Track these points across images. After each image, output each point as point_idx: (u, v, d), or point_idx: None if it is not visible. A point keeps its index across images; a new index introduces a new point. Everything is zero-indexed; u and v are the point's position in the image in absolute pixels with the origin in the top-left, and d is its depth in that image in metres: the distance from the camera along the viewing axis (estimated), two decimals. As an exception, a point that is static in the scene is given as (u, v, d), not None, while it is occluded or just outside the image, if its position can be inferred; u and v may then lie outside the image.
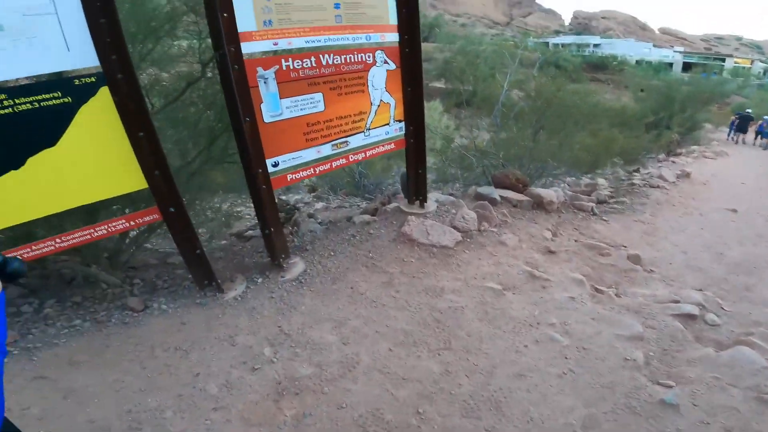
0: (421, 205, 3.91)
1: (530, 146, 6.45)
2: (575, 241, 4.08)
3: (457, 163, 6.87)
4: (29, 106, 1.93)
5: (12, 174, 1.95)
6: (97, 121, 2.08)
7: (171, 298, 2.77)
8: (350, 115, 3.17)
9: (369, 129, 3.32)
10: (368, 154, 3.41)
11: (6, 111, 1.88)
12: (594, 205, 4.92)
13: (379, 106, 3.33)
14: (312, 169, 3.12)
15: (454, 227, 3.67)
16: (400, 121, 3.52)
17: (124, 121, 2.12)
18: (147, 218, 2.38)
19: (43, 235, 2.16)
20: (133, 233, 3.05)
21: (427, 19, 44.59)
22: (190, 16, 2.83)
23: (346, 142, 3.20)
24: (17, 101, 1.91)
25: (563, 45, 49.55)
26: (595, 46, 50.91)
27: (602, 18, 71.30)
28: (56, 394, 1.99)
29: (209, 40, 2.59)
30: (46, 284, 2.84)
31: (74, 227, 2.24)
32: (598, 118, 8.45)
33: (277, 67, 2.69)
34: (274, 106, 2.73)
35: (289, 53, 2.85)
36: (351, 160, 3.34)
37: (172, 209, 2.40)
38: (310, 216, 4.46)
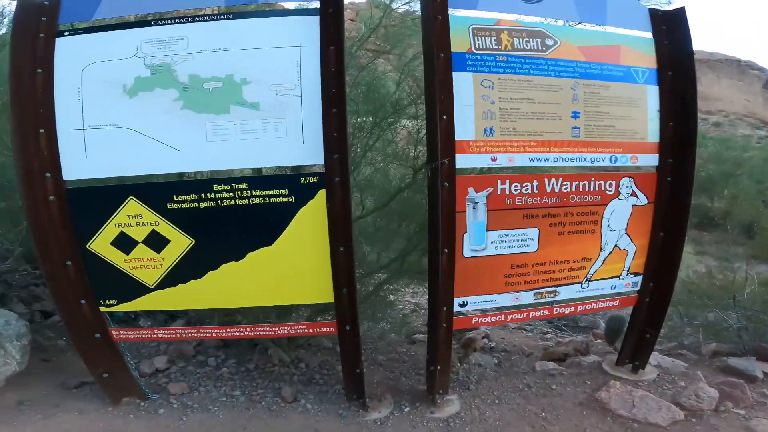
0: (634, 370, 2.82)
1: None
2: None
3: (694, 308, 4.96)
4: (261, 200, 2.05)
5: (231, 264, 2.07)
6: (308, 227, 2.08)
7: (319, 398, 2.63)
8: (568, 261, 2.48)
9: (589, 280, 2.55)
10: (579, 309, 2.64)
11: (243, 202, 2.04)
12: None
13: (611, 252, 2.53)
14: (503, 316, 2.55)
15: (678, 403, 2.46)
16: (636, 274, 2.62)
17: (331, 232, 2.06)
18: (324, 329, 2.32)
19: (239, 321, 2.29)
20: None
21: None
22: (411, 109, 2.73)
23: (555, 292, 2.52)
24: (254, 193, 2.04)
25: None
26: None
27: None
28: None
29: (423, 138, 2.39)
30: (238, 341, 3.04)
31: (265, 318, 2.31)
32: None
33: (491, 189, 2.25)
34: (478, 239, 2.32)
35: (505, 173, 2.41)
36: (555, 313, 2.63)
37: (348, 327, 2.24)
38: (484, 344, 3.82)
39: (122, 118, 1.92)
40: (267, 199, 2.05)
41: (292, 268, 2.13)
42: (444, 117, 2.10)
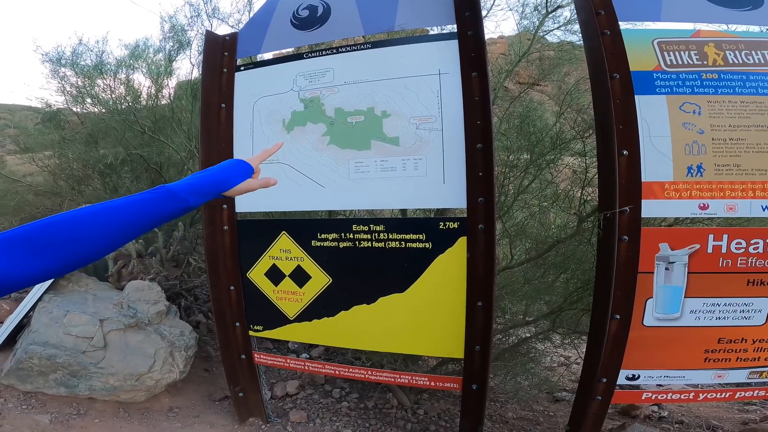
0: None
1: None
2: None
3: None
4: (397, 244, 1.95)
5: (363, 307, 2.02)
6: (445, 276, 1.88)
7: None
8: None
9: None
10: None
11: (379, 245, 1.97)
12: None
13: None
14: (690, 394, 1.96)
15: None
16: None
17: (469, 284, 1.83)
18: (447, 385, 2.05)
19: (363, 362, 2.20)
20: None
21: None
22: (576, 144, 2.30)
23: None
24: (390, 236, 1.95)
25: None
26: None
27: None
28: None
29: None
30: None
31: (390, 362, 2.17)
32: None
33: (698, 246, 1.72)
34: (670, 306, 1.77)
35: (719, 224, 1.86)
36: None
37: (474, 386, 1.93)
38: (651, 411, 2.95)
39: (281, 153, 2.04)
40: (403, 243, 1.93)
41: (422, 318, 1.96)
42: (625, 152, 1.68)
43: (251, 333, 2.30)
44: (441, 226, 1.86)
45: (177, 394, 2.66)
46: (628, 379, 1.95)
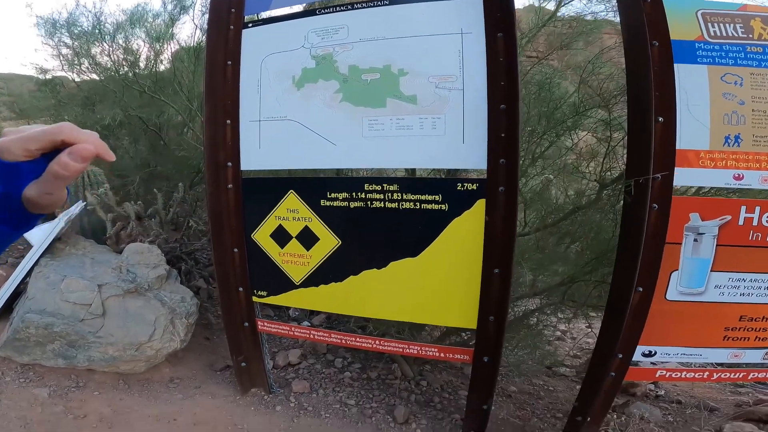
0: None
1: None
2: None
3: None
4: (411, 205, 1.85)
5: (373, 272, 1.94)
6: (460, 240, 1.80)
7: (432, 425, 2.33)
8: None
9: None
10: None
11: (392, 205, 1.87)
12: None
13: None
14: (704, 373, 1.94)
15: None
16: None
17: (486, 249, 1.74)
18: (458, 357, 1.98)
19: (370, 331, 2.14)
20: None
21: None
22: (598, 113, 2.21)
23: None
24: (404, 196, 1.86)
25: None
26: None
27: None
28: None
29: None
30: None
31: (397, 332, 2.12)
32: None
33: (729, 218, 1.65)
34: (696, 279, 1.70)
35: (752, 196, 1.76)
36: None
37: (486, 359, 1.87)
38: (649, 390, 2.94)
39: (290, 110, 1.95)
40: (417, 204, 1.84)
41: (434, 285, 1.88)
42: (660, 119, 1.60)
43: (255, 299, 2.22)
44: (459, 187, 1.77)
45: (178, 363, 2.60)
46: (644, 355, 1.90)
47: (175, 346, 2.42)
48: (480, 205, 1.75)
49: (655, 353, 1.90)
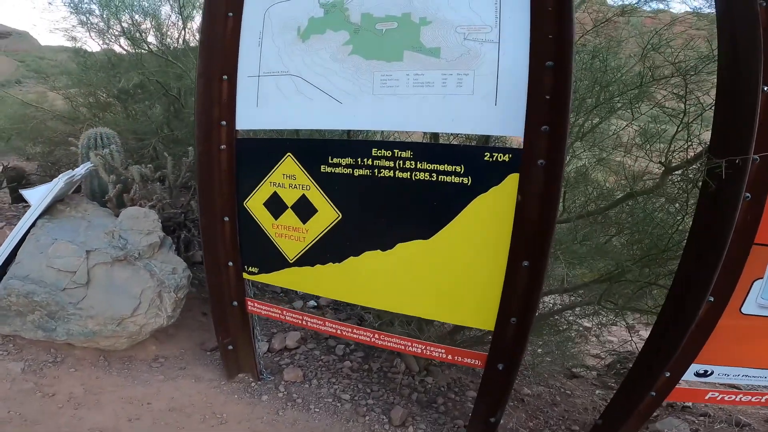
0: None
1: None
2: None
3: None
4: (426, 176, 1.54)
5: (377, 253, 1.65)
6: (484, 222, 1.48)
7: (433, 428, 2.06)
8: None
9: None
10: None
11: (403, 175, 1.56)
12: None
13: None
14: (761, 397, 1.64)
15: None
16: None
17: (515, 236, 1.42)
18: (467, 361, 1.67)
19: (369, 323, 1.87)
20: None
21: None
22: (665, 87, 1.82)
23: None
24: (419, 165, 1.54)
25: None
26: None
27: None
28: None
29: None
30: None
31: (405, 323, 1.83)
32: None
33: None
34: (790, 292, 1.32)
35: None
36: None
37: (501, 366, 1.56)
38: (677, 407, 2.58)
39: (292, 64, 1.68)
40: (434, 176, 1.52)
41: (447, 275, 1.58)
42: (765, 89, 1.21)
43: (245, 275, 1.99)
44: (486, 157, 1.44)
45: (166, 340, 2.40)
46: (697, 375, 1.58)
47: (161, 323, 2.22)
48: (512, 180, 1.42)
49: (712, 373, 1.58)
